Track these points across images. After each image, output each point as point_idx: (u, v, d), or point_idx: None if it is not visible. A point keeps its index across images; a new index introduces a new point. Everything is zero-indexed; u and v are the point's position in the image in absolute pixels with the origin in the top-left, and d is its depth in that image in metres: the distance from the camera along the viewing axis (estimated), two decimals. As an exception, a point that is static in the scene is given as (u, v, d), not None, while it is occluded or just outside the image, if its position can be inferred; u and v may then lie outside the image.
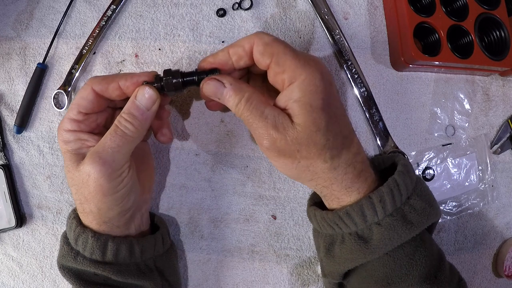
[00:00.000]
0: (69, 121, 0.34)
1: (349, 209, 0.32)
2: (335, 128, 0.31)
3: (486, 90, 0.47)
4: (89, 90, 0.33)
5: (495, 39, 0.44)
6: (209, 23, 0.44)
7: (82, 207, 0.34)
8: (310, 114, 0.30)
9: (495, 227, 0.48)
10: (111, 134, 0.32)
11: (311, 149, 0.31)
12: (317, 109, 0.30)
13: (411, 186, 0.33)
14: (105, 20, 0.43)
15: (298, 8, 0.44)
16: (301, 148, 0.31)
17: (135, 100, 0.33)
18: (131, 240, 0.35)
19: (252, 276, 0.44)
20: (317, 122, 0.30)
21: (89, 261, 0.34)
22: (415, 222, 0.32)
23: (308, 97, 0.30)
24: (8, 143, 0.45)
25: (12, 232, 0.45)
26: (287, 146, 0.31)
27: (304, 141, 0.30)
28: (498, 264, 0.47)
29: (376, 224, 0.32)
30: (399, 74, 0.45)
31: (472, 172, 0.46)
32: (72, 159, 0.33)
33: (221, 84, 0.32)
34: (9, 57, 0.45)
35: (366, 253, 0.32)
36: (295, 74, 0.30)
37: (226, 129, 0.44)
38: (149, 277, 0.36)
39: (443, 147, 0.46)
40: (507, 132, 0.47)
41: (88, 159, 0.32)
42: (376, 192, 0.32)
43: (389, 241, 0.32)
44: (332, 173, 0.32)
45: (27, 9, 0.46)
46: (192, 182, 0.44)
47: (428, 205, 0.33)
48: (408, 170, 0.34)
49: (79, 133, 0.34)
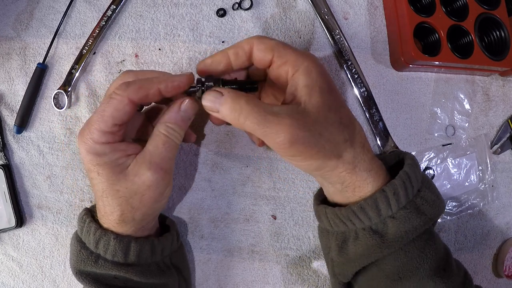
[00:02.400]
0: (103, 134, 0.31)
1: (363, 203, 0.32)
2: (342, 111, 0.32)
3: (486, 90, 0.47)
4: (126, 102, 0.31)
5: (495, 39, 0.44)
6: (209, 23, 0.44)
7: (122, 218, 0.33)
8: (321, 95, 0.30)
9: (495, 227, 0.48)
10: (164, 144, 0.32)
11: (330, 128, 0.30)
12: (325, 91, 0.31)
13: (420, 178, 0.34)
14: (105, 20, 0.43)
15: (298, 8, 0.44)
16: (322, 130, 0.30)
17: (180, 111, 0.33)
18: (152, 240, 0.35)
19: (252, 276, 0.44)
20: (328, 102, 0.31)
21: (111, 263, 0.33)
22: (428, 214, 0.32)
23: (315, 80, 0.30)
24: (8, 143, 0.45)
25: (12, 232, 0.45)
26: (310, 132, 0.29)
27: (323, 121, 0.30)
28: (498, 264, 0.47)
29: (391, 218, 0.32)
30: (399, 74, 0.45)
31: (472, 172, 0.46)
32: (115, 171, 0.32)
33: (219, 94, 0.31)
34: (9, 57, 0.45)
35: (382, 247, 0.32)
36: (297, 62, 0.31)
37: (226, 129, 0.44)
38: (168, 274, 0.37)
39: (443, 147, 0.46)
40: (507, 132, 0.47)
41: (146, 169, 0.31)
42: (389, 185, 0.32)
43: (405, 234, 0.32)
44: (354, 152, 0.32)
45: (27, 9, 0.46)
46: (192, 182, 0.44)
47: (437, 197, 0.34)
48: (416, 164, 0.34)
49: (115, 144, 0.32)
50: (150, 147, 0.32)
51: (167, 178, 0.33)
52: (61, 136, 0.44)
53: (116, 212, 0.33)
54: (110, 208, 0.33)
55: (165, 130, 0.32)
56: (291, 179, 0.44)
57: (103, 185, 0.32)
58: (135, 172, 0.32)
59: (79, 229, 0.36)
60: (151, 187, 0.32)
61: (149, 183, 0.32)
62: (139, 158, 0.32)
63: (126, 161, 0.32)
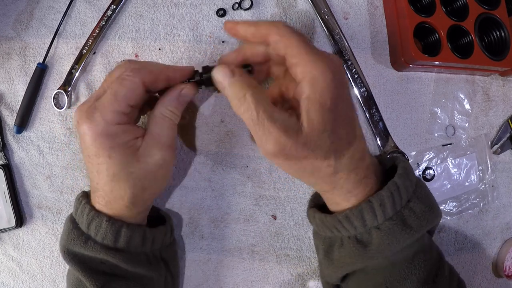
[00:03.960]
0: (117, 115, 0.32)
1: (349, 213, 0.32)
2: (341, 131, 0.30)
3: (486, 90, 0.47)
4: (139, 83, 0.32)
5: (495, 39, 0.44)
6: (209, 23, 0.44)
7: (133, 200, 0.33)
8: (318, 113, 0.29)
9: (495, 227, 0.48)
10: (169, 125, 0.34)
11: (317, 152, 0.30)
12: (325, 109, 0.29)
13: (411, 188, 0.32)
14: (105, 20, 0.43)
15: (298, 8, 0.44)
16: (309, 152, 0.29)
17: (180, 96, 0.35)
18: (144, 228, 0.35)
19: (252, 276, 0.44)
20: (324, 122, 0.29)
21: (100, 246, 0.33)
22: (414, 226, 0.31)
23: (317, 95, 0.29)
24: (8, 143, 0.45)
25: (12, 232, 0.45)
26: (297, 152, 0.29)
27: (312, 144, 0.29)
28: (498, 264, 0.47)
29: (376, 228, 0.31)
30: (399, 74, 0.45)
31: (472, 172, 0.46)
32: (127, 153, 0.32)
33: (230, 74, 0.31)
34: (9, 57, 0.45)
35: (364, 257, 0.32)
36: (306, 69, 0.29)
37: (226, 129, 0.44)
38: (155, 267, 0.37)
39: (443, 147, 0.46)
40: (507, 132, 0.47)
41: (158, 149, 0.33)
42: (376, 196, 0.31)
43: (388, 246, 0.31)
44: (335, 177, 0.31)
45: (27, 9, 0.46)
46: (192, 182, 0.44)
47: (428, 208, 0.32)
48: (408, 173, 0.33)
49: (126, 126, 0.33)
50: (156, 129, 0.34)
51: (174, 155, 0.35)
52: (61, 136, 0.44)
53: (127, 195, 0.33)
54: (120, 192, 0.33)
55: (168, 113, 0.34)
56: (291, 179, 0.44)
57: (115, 168, 0.32)
58: (147, 153, 0.33)
59: (74, 210, 0.36)
60: (163, 166, 0.34)
61: (161, 162, 0.34)
62: (149, 140, 0.34)
63: (135, 143, 0.33)
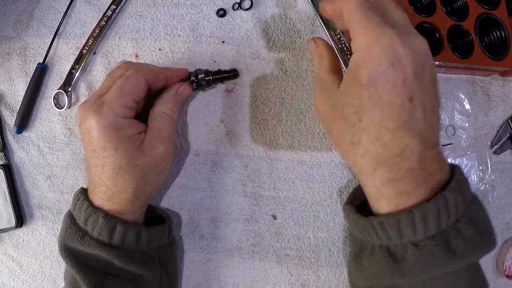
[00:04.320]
0: (124, 108, 0.34)
1: (384, 220, 0.28)
2: (375, 114, 0.28)
3: (486, 90, 0.47)
4: (142, 80, 0.35)
5: (495, 39, 0.44)
6: (209, 23, 0.44)
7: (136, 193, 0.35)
8: (351, 86, 0.29)
9: (495, 227, 0.48)
10: (168, 121, 0.37)
11: (342, 125, 0.30)
12: (358, 83, 0.28)
13: (462, 207, 0.28)
14: (105, 20, 0.44)
15: (298, 8, 0.44)
16: (332, 122, 0.31)
17: (177, 94, 0.38)
18: (140, 227, 0.36)
19: (252, 276, 0.44)
20: (353, 96, 0.28)
21: (96, 241, 0.34)
22: (458, 252, 0.27)
23: (357, 68, 0.28)
24: (8, 143, 0.45)
25: (12, 232, 0.45)
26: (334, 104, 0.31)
27: (339, 113, 0.30)
28: (498, 264, 0.48)
29: (413, 245, 0.28)
30: (399, 74, 0.45)
31: (473, 172, 0.46)
32: (134, 146, 0.34)
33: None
34: (9, 57, 0.45)
35: (394, 274, 0.28)
36: (357, 42, 0.29)
37: (226, 129, 0.44)
38: (150, 266, 0.37)
39: (443, 147, 0.46)
40: (507, 132, 0.47)
41: (160, 143, 0.36)
42: (420, 207, 0.27)
43: (424, 268, 0.27)
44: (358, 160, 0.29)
45: (27, 9, 0.46)
46: (192, 182, 0.44)
47: (479, 233, 0.28)
48: (462, 188, 0.28)
49: (131, 120, 0.35)
50: (157, 124, 0.36)
51: (173, 149, 0.38)
52: (61, 136, 0.44)
53: (130, 189, 0.34)
54: (124, 186, 0.34)
55: (167, 110, 0.37)
56: (291, 179, 0.44)
57: (121, 162, 0.34)
58: (151, 147, 0.35)
59: (72, 206, 0.37)
60: (165, 158, 0.36)
61: (164, 155, 0.36)
62: (151, 134, 0.36)
63: (139, 137, 0.35)
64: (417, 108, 0.27)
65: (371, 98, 0.27)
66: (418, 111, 0.27)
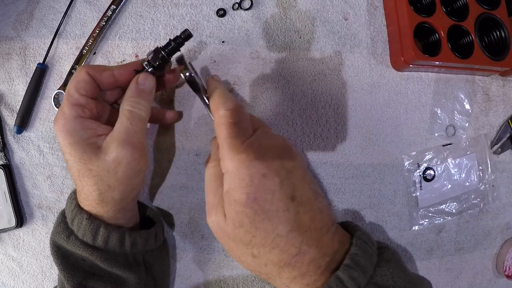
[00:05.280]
0: (72, 107, 0.33)
1: None
2: (266, 226, 0.28)
3: (486, 90, 0.47)
4: (84, 72, 0.33)
5: (495, 39, 0.44)
6: (209, 23, 0.44)
7: (101, 197, 0.33)
8: (233, 208, 0.28)
9: (495, 227, 0.48)
10: (129, 119, 0.33)
11: (238, 244, 0.30)
12: (239, 204, 0.28)
13: (362, 276, 0.28)
14: (105, 20, 0.43)
15: (298, 8, 0.44)
16: (229, 242, 0.30)
17: (138, 85, 0.35)
18: (123, 230, 0.35)
19: (252, 276, 0.44)
20: (239, 217, 0.28)
21: (80, 242, 0.34)
22: None
23: (232, 191, 0.29)
24: (8, 143, 0.45)
25: (12, 232, 0.45)
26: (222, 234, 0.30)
27: (231, 235, 0.29)
28: (498, 264, 0.48)
29: None
30: (399, 74, 0.45)
31: (473, 172, 0.46)
32: (87, 150, 0.32)
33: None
34: (9, 57, 0.45)
35: None
36: (224, 164, 0.30)
37: (226, 129, 0.44)
38: (134, 270, 0.36)
39: (443, 147, 0.46)
40: (507, 132, 0.47)
41: (115, 146, 0.32)
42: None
43: None
44: (263, 269, 0.30)
45: (27, 9, 0.46)
46: (193, 182, 0.44)
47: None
48: (357, 262, 0.29)
49: (86, 121, 0.33)
50: (117, 124, 0.33)
51: (137, 153, 0.33)
52: (61, 136, 0.44)
53: (94, 192, 0.33)
54: (88, 188, 0.33)
55: (128, 105, 0.34)
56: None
57: (78, 165, 0.33)
58: (105, 151, 0.32)
59: (66, 205, 0.37)
60: (122, 164, 0.32)
61: (119, 160, 0.32)
62: (109, 137, 0.33)
63: (97, 141, 0.33)
64: (301, 202, 0.29)
65: (256, 213, 0.28)
66: (302, 205, 0.29)
